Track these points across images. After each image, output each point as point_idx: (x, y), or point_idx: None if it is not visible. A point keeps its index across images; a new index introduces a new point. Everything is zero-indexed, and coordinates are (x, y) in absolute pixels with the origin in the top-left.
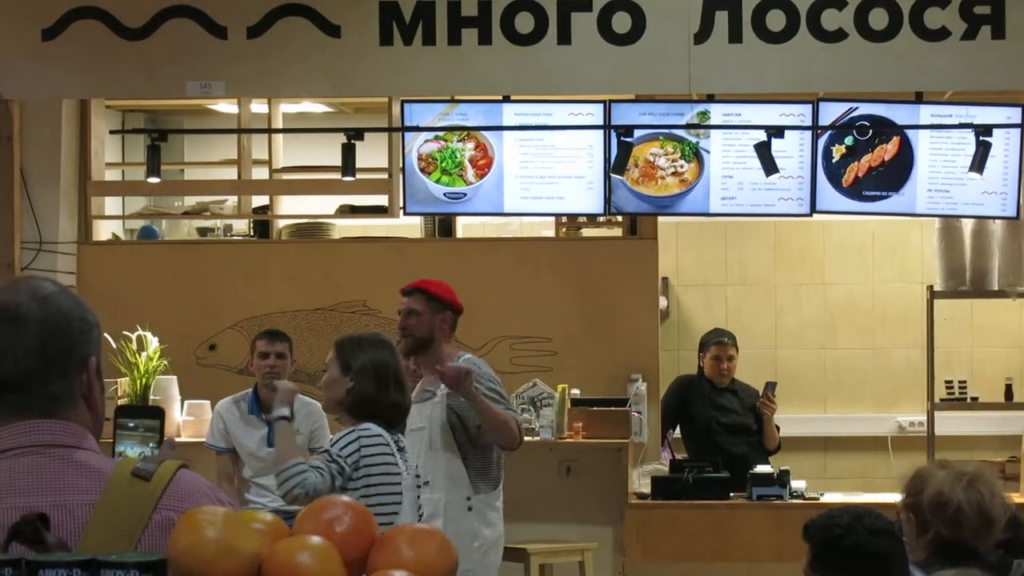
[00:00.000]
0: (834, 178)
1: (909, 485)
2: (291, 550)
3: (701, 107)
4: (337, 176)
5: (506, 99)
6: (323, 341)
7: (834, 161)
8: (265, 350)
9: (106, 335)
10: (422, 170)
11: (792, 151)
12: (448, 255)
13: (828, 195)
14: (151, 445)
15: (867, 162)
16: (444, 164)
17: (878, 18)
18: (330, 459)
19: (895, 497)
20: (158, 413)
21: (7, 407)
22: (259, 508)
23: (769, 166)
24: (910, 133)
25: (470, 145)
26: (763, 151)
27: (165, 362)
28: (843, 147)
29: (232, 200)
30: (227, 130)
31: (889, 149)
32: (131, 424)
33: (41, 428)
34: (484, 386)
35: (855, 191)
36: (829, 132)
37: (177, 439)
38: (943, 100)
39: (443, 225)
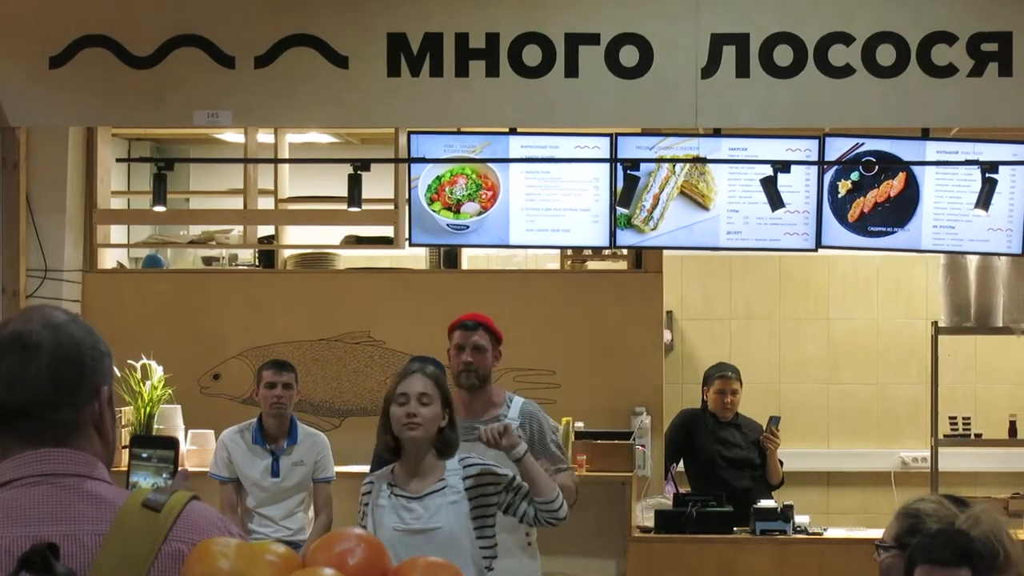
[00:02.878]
0: (840, 213)
1: (914, 525)
2: None
3: (707, 141)
4: (343, 206)
5: (513, 131)
6: (327, 371)
7: (840, 196)
8: (272, 380)
9: None
10: (429, 201)
11: (798, 186)
12: (453, 287)
13: (833, 230)
14: (165, 476)
15: (873, 198)
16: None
17: (885, 54)
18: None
19: None
20: (172, 443)
21: (18, 436)
22: (263, 538)
23: (775, 201)
24: (916, 169)
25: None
26: (769, 186)
27: (169, 391)
28: (849, 182)
29: (237, 230)
30: (233, 159)
31: (895, 185)
32: (145, 454)
33: (52, 457)
34: (548, 438)
35: (860, 227)
36: (835, 167)
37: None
38: (949, 136)
39: (448, 257)
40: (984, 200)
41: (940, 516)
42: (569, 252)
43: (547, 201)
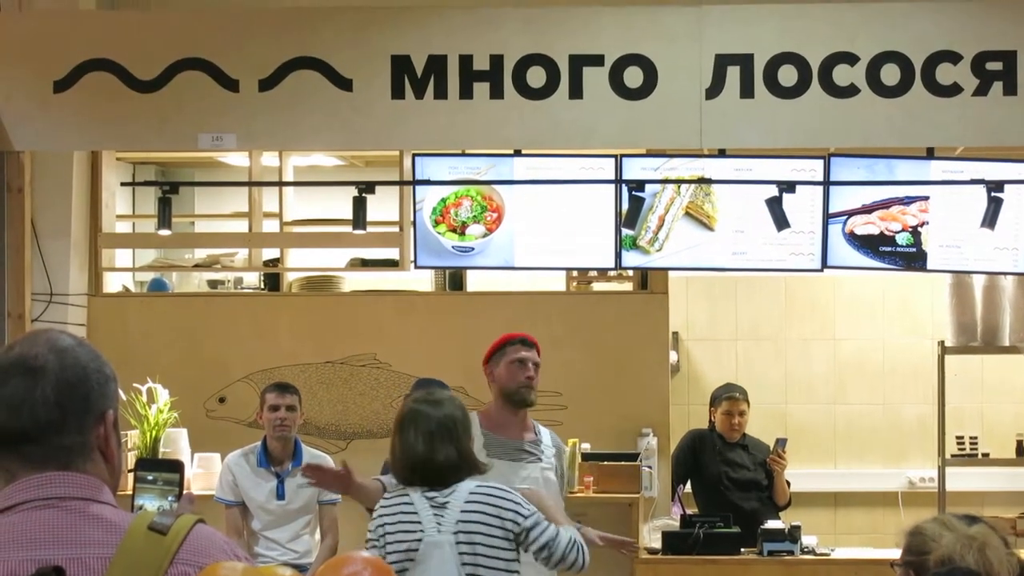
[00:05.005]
0: (845, 233)
1: (911, 543)
2: None
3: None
4: (348, 229)
5: (517, 153)
6: (333, 394)
7: (845, 216)
8: (275, 403)
9: None
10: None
11: (803, 206)
12: (458, 309)
13: (839, 250)
14: (170, 499)
15: (878, 217)
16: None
17: (890, 74)
18: None
19: None
20: (177, 467)
21: (23, 459)
22: (270, 562)
23: (780, 221)
24: (921, 189)
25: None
26: (774, 206)
27: (175, 414)
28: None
29: (243, 253)
30: (238, 183)
31: (901, 205)
32: (150, 477)
33: (57, 481)
34: (557, 466)
35: (866, 246)
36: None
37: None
38: (955, 156)
39: (453, 279)
40: (990, 219)
41: (935, 535)
42: (574, 273)
43: (552, 222)
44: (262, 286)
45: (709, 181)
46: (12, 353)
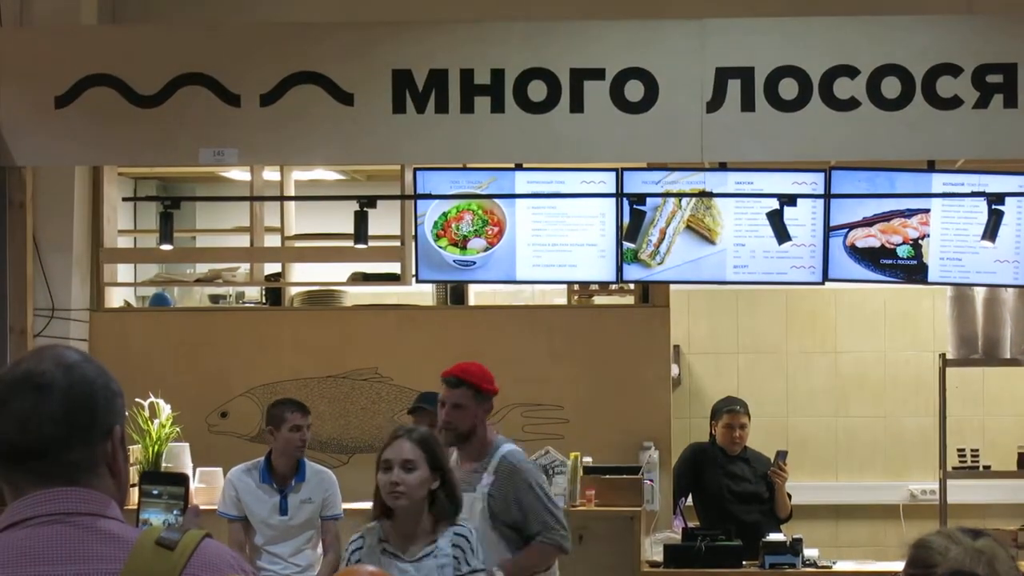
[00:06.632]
0: (846, 246)
1: (916, 556)
2: None
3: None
4: (349, 243)
5: (518, 167)
6: (335, 409)
7: (846, 229)
8: (299, 423)
9: None
10: (435, 237)
11: (804, 219)
12: (460, 323)
13: (840, 263)
14: (175, 512)
15: (879, 230)
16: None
17: (890, 87)
18: None
19: None
20: (182, 480)
21: (31, 475)
22: None
23: (782, 234)
24: (922, 202)
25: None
26: (775, 219)
27: (177, 429)
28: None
29: (244, 267)
30: (239, 197)
31: (902, 218)
32: (155, 491)
33: (64, 496)
34: (534, 486)
35: (867, 259)
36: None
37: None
38: (955, 168)
39: (455, 293)
40: (991, 232)
41: (940, 548)
42: (576, 287)
43: (553, 236)
44: (264, 301)
45: (710, 195)
46: (19, 369)
